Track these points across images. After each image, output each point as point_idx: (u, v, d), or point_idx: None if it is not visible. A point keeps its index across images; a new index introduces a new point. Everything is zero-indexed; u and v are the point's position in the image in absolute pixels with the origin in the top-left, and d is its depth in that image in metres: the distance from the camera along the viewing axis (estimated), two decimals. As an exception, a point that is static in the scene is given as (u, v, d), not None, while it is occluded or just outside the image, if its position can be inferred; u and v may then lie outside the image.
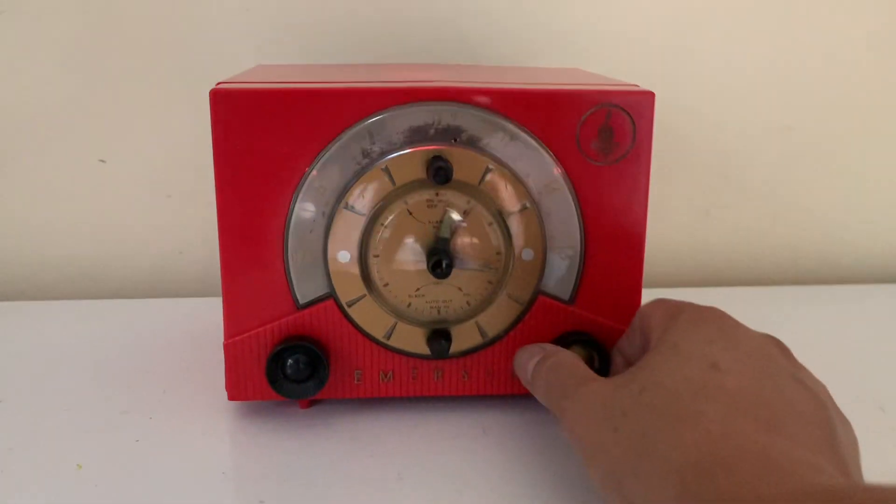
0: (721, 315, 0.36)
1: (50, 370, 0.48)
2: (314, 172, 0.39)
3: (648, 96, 0.39)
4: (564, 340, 0.42)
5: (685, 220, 0.69)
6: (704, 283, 0.70)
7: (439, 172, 0.37)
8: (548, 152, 0.40)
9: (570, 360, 0.38)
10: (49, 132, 0.60)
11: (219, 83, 0.40)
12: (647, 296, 0.63)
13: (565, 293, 0.42)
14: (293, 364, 0.40)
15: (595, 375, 0.36)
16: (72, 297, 0.63)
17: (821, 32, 0.65)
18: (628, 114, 0.39)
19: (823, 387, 0.35)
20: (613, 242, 0.41)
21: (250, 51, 0.60)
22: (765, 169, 0.68)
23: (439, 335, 0.41)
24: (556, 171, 0.40)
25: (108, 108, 0.60)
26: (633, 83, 0.42)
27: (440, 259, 0.38)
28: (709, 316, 0.36)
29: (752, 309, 0.60)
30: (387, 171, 0.39)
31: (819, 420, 0.32)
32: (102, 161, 0.61)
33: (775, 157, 0.68)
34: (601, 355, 0.42)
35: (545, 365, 0.38)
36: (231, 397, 0.42)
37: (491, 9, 0.61)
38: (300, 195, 0.39)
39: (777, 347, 0.36)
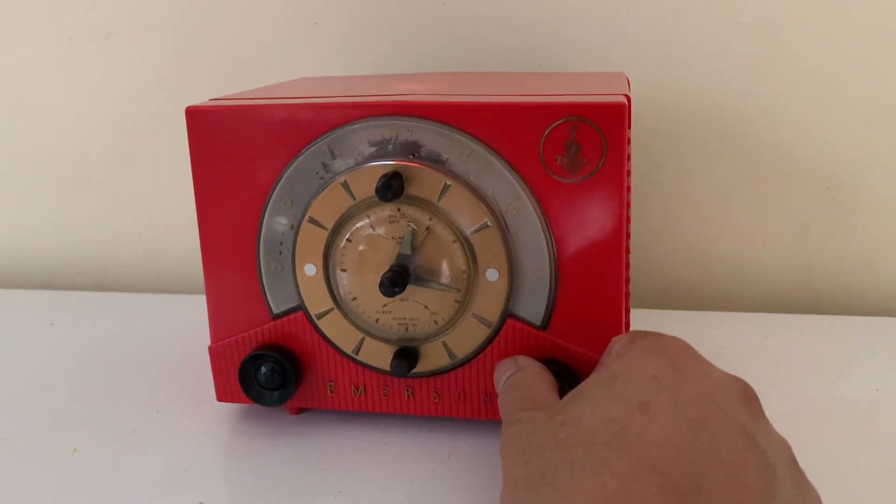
0: (682, 347, 0.33)
1: (101, 357, 0.54)
2: (280, 186, 0.40)
3: (618, 108, 0.36)
4: (535, 368, 0.39)
5: (780, 237, 0.61)
6: (801, 309, 0.62)
7: (383, 189, 0.37)
8: (510, 169, 0.38)
9: (530, 380, 0.36)
10: (148, 142, 0.67)
11: (210, 99, 0.43)
12: (723, 321, 0.58)
13: (537, 318, 0.39)
14: (266, 372, 0.42)
15: (546, 401, 0.34)
16: (160, 291, 0.69)
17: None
18: (596, 127, 0.36)
19: (783, 445, 0.30)
20: (588, 266, 0.38)
21: (319, 62, 0.63)
22: (880, 182, 0.59)
23: (402, 354, 0.40)
24: (520, 188, 0.38)
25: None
26: (620, 92, 0.38)
27: (390, 277, 0.38)
28: (667, 347, 0.32)
29: (860, 341, 0.53)
30: (346, 185, 0.39)
31: (757, 487, 0.27)
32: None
33: (888, 169, 0.58)
34: (573, 387, 0.39)
35: (508, 382, 0.36)
36: (219, 398, 0.44)
37: (551, 20, 0.58)
38: (269, 208, 0.41)
39: (739, 393, 0.31)
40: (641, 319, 0.57)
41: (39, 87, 0.67)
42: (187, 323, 0.58)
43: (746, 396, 0.31)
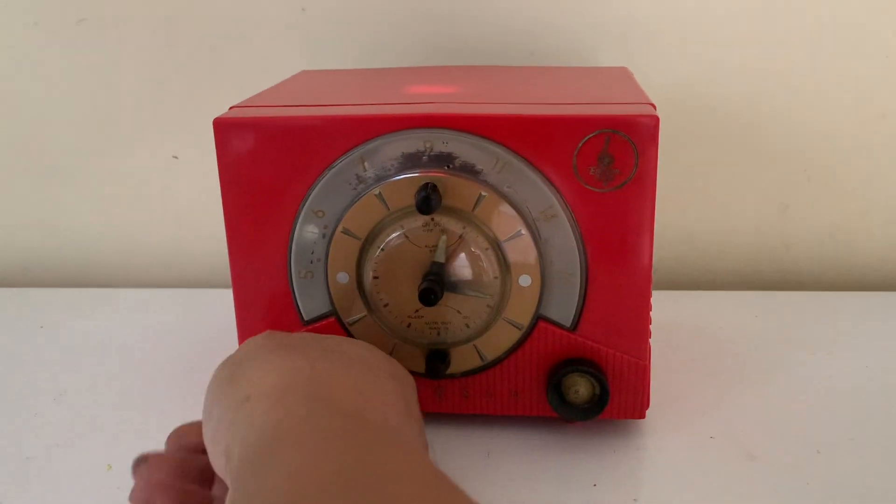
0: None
1: (109, 359, 0.53)
2: (313, 197, 0.40)
3: (652, 120, 0.37)
4: (565, 367, 0.41)
5: (760, 216, 0.64)
6: (782, 286, 0.65)
7: (424, 202, 0.37)
8: (543, 179, 0.39)
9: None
10: (125, 131, 0.65)
11: (231, 107, 0.42)
12: (706, 299, 0.61)
13: (566, 319, 0.41)
14: (298, 377, 0.42)
15: None
16: (139, 285, 0.68)
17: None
18: (629, 139, 0.37)
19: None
20: (617, 270, 0.40)
21: (305, 52, 0.62)
22: (855, 161, 0.62)
23: (436, 357, 0.41)
24: (553, 198, 0.39)
25: (177, 107, 0.64)
26: (646, 101, 0.39)
27: (429, 287, 0.39)
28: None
29: (844, 317, 0.57)
30: (380, 196, 0.39)
31: None
32: (175, 157, 0.65)
33: (867, 148, 0.61)
34: (601, 385, 0.41)
35: None
36: (248, 402, 0.45)
37: (544, 7, 0.59)
38: (301, 218, 0.41)
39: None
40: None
41: (4, 76, 0.64)
42: (184, 320, 0.58)
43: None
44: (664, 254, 0.66)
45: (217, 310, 0.57)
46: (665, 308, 0.59)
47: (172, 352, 0.54)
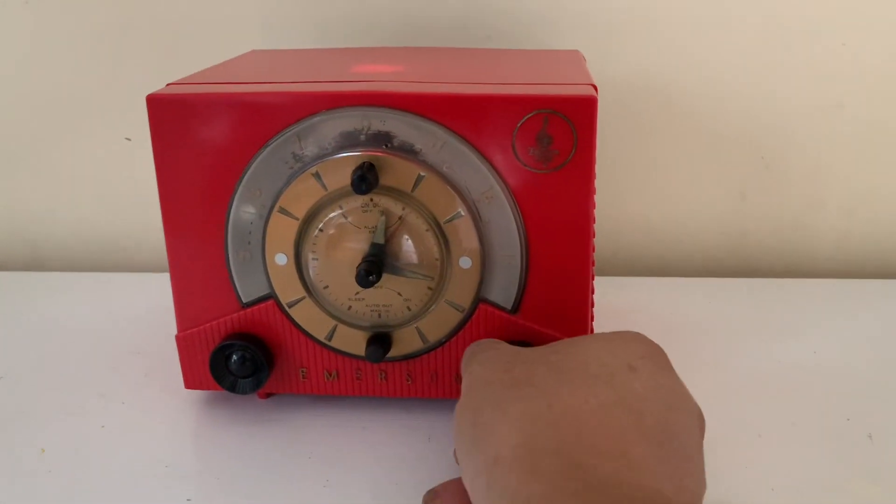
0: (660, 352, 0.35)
1: (53, 344, 0.52)
2: (249, 176, 0.39)
3: (589, 101, 0.37)
4: (506, 350, 0.40)
5: (718, 204, 0.64)
6: (739, 273, 0.65)
7: (359, 182, 0.37)
8: (483, 160, 0.38)
9: (502, 342, 0.38)
10: (76, 112, 0.64)
11: (168, 84, 0.41)
12: (664, 286, 0.61)
13: (508, 302, 0.41)
14: (237, 361, 0.42)
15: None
16: (96, 269, 0.67)
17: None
18: (568, 120, 0.37)
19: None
20: (558, 252, 0.39)
21: (261, 31, 0.61)
22: (812, 150, 0.62)
23: (377, 340, 0.41)
24: (493, 179, 0.38)
25: (129, 88, 0.63)
26: (588, 82, 0.39)
27: (366, 269, 0.38)
28: (648, 342, 0.35)
29: (798, 304, 0.57)
30: (318, 175, 0.39)
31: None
32: (128, 139, 0.64)
33: (824, 136, 0.61)
34: (543, 368, 0.40)
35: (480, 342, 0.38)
36: (188, 386, 0.44)
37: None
38: (237, 197, 0.40)
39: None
40: (591, 287, 0.59)
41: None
42: (136, 304, 0.58)
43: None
44: (623, 241, 0.66)
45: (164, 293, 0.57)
46: (619, 294, 0.59)
47: (118, 337, 0.53)
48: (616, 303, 0.57)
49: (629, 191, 0.64)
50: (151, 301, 0.56)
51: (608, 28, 0.59)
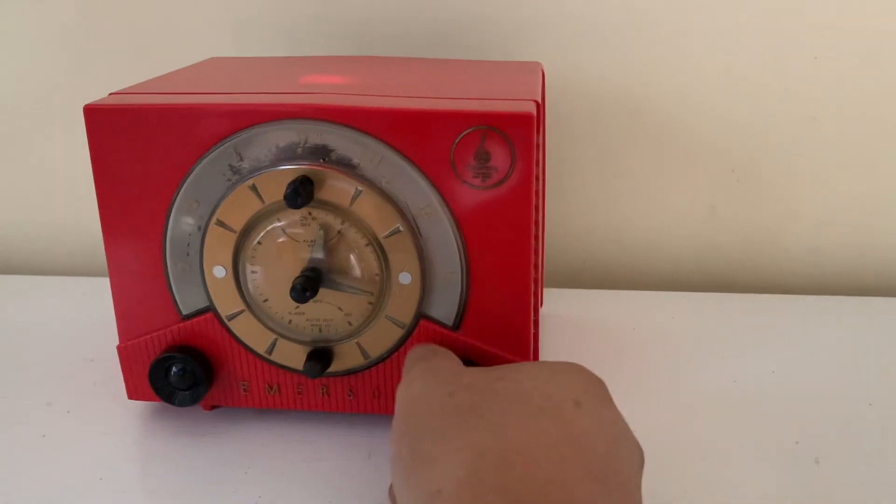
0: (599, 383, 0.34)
1: (7, 348, 0.52)
2: (186, 187, 0.39)
3: (526, 118, 0.36)
4: (447, 367, 0.40)
5: (688, 216, 0.63)
6: (708, 287, 0.65)
7: (292, 196, 0.36)
8: (421, 175, 0.37)
9: (445, 350, 0.37)
10: (40, 113, 0.63)
11: (111, 93, 0.41)
12: (630, 299, 0.60)
13: (449, 318, 0.40)
14: (176, 373, 0.41)
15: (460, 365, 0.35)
16: (55, 273, 0.66)
17: (853, 13, 0.56)
18: (505, 136, 0.36)
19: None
20: (498, 269, 0.39)
21: (228, 37, 0.60)
22: (784, 163, 0.61)
23: (316, 356, 0.40)
24: (432, 194, 0.38)
25: (95, 91, 0.62)
26: (531, 98, 0.38)
27: (301, 285, 0.38)
28: (588, 375, 0.34)
29: (764, 320, 0.56)
30: (255, 188, 0.38)
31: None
32: (95, 143, 0.64)
33: (796, 150, 0.60)
34: (483, 386, 0.40)
35: (422, 347, 0.38)
36: (130, 396, 0.44)
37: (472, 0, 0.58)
38: (175, 209, 0.39)
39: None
40: (555, 299, 0.59)
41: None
42: (87, 309, 0.57)
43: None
44: (592, 253, 0.65)
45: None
46: (583, 307, 0.58)
47: (72, 342, 0.53)
48: (578, 316, 0.57)
49: (598, 201, 0.63)
50: (109, 305, 0.55)
51: (576, 37, 0.58)
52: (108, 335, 0.52)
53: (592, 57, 0.59)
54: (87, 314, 0.56)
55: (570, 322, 0.56)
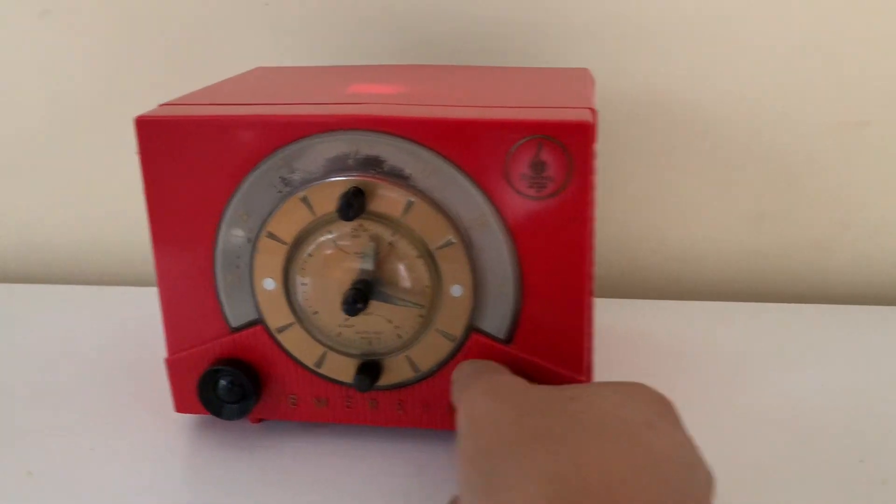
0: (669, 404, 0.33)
1: (54, 359, 0.52)
2: (237, 199, 0.39)
3: (585, 127, 0.35)
4: (499, 381, 0.39)
5: (735, 224, 0.62)
6: (753, 297, 0.63)
7: (345, 208, 0.36)
8: (474, 185, 0.37)
9: (499, 364, 0.37)
10: (85, 125, 0.64)
11: (161, 105, 0.41)
12: (673, 309, 0.59)
13: (500, 332, 0.39)
14: (224, 386, 0.41)
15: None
16: (102, 283, 0.67)
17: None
18: (562, 145, 0.35)
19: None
20: (553, 281, 0.38)
21: (268, 48, 0.60)
22: (834, 170, 0.59)
23: (366, 369, 0.40)
24: (485, 205, 0.37)
25: (137, 101, 0.62)
26: (587, 106, 0.38)
27: (352, 297, 0.37)
28: (659, 396, 0.33)
29: (816, 331, 0.54)
30: (306, 200, 0.38)
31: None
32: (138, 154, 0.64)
33: (847, 156, 0.59)
34: (537, 401, 0.39)
35: (475, 362, 0.38)
36: (178, 409, 0.43)
37: (515, 7, 0.57)
38: (225, 221, 0.39)
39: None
40: (596, 308, 0.57)
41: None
42: (133, 319, 0.57)
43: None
44: (633, 260, 0.64)
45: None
46: (627, 317, 0.57)
47: (114, 352, 0.53)
48: (622, 326, 0.56)
49: (641, 209, 0.62)
50: (146, 315, 0.55)
51: (621, 43, 0.57)
52: (145, 345, 0.53)
53: (637, 62, 0.58)
54: (122, 324, 0.56)
55: (614, 333, 0.55)
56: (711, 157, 0.60)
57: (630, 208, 0.62)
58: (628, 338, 0.54)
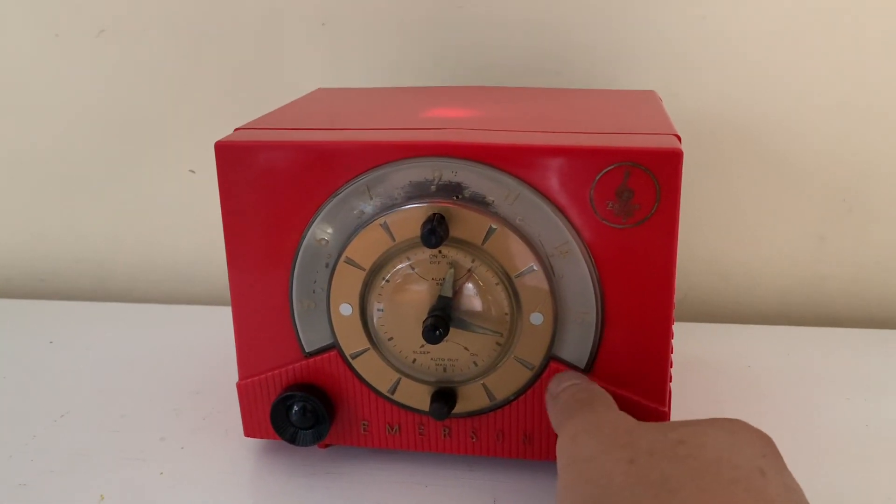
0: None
1: (115, 379, 0.52)
2: (316, 224, 0.38)
3: (674, 154, 0.35)
4: (578, 411, 0.38)
5: (796, 247, 0.61)
6: (814, 322, 0.62)
7: (429, 235, 0.35)
8: (558, 213, 0.36)
9: (604, 391, 0.36)
10: (143, 144, 0.64)
11: (236, 129, 0.41)
12: (735, 333, 0.58)
13: (580, 361, 0.39)
14: (297, 412, 0.41)
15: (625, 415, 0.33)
16: (159, 301, 0.67)
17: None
18: (651, 174, 0.35)
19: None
20: (636, 310, 0.37)
21: (326, 68, 0.60)
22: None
23: (441, 397, 0.39)
24: (568, 233, 0.36)
25: (195, 121, 0.63)
26: (671, 132, 0.37)
27: (434, 324, 0.37)
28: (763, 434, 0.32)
29: (884, 357, 0.53)
30: (386, 226, 0.37)
31: None
32: (192, 171, 0.64)
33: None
34: (617, 431, 0.38)
35: (579, 385, 0.37)
36: (247, 434, 0.43)
37: (572, 27, 0.57)
38: (303, 246, 0.39)
39: None
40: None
41: (24, 87, 0.64)
42: (200, 338, 0.57)
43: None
44: (695, 285, 0.63)
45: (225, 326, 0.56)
46: (692, 342, 0.56)
47: (179, 373, 0.53)
48: (684, 352, 0.55)
49: (701, 231, 0.61)
50: (213, 335, 0.55)
51: (682, 64, 0.57)
52: (210, 366, 0.53)
53: (698, 84, 0.57)
54: (187, 344, 0.56)
55: (677, 357, 0.54)
56: (772, 180, 0.59)
57: (689, 230, 0.61)
58: (693, 363, 0.54)
